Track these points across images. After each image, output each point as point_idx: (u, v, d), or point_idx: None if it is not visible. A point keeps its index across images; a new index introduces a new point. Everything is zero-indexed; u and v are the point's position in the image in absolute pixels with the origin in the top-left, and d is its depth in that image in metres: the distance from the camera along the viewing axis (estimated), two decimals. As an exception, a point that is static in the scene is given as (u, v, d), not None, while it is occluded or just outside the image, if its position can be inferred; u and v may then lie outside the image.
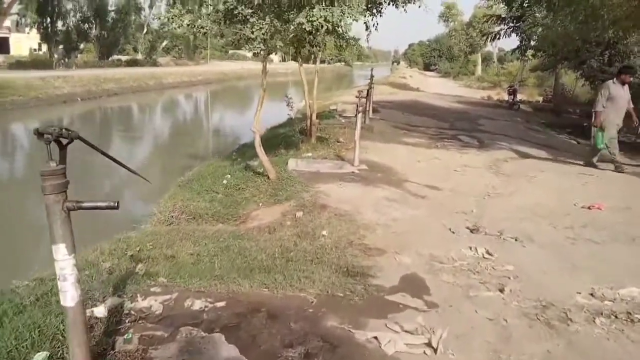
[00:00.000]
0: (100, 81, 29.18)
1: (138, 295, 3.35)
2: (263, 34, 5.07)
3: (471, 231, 5.11)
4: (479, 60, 57.01)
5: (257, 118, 6.10)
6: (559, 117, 19.91)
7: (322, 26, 4.84)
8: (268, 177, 6.55)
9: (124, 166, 2.57)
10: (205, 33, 5.33)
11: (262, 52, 5.40)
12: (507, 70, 43.31)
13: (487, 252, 4.48)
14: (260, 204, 5.94)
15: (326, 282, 3.60)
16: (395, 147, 9.84)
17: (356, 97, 7.35)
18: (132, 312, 3.14)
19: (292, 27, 5.16)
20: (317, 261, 4.11)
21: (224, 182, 6.88)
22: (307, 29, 4.89)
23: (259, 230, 5.11)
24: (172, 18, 5.17)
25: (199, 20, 5.25)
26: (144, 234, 5.10)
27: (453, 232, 5.02)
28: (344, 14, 4.92)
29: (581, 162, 9.02)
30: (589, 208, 6.02)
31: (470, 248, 4.58)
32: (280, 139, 10.34)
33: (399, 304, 3.44)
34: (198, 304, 3.25)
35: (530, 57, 24.93)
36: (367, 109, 11.91)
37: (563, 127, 17.71)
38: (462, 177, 7.71)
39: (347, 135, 10.28)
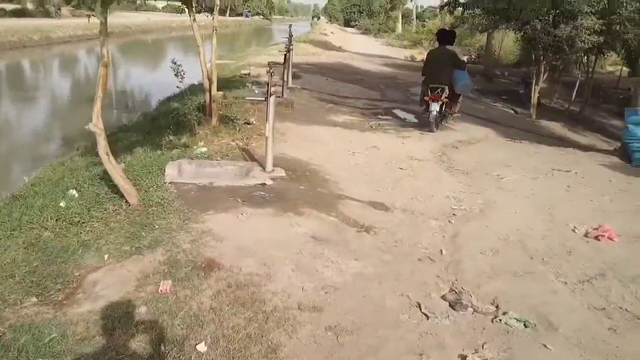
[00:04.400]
0: (-34, 36, 24.19)
1: None
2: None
3: (452, 306, 3.14)
4: (400, 18, 55.69)
5: (97, 110, 3.66)
6: (490, 81, 18.67)
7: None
8: (127, 202, 4.16)
9: None
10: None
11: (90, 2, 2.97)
12: (427, 28, 42.22)
13: (496, 374, 2.53)
14: (107, 256, 3.58)
15: None
16: (321, 130, 7.67)
17: (267, 72, 5.04)
18: None
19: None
20: None
21: (62, 204, 4.39)
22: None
23: (87, 328, 2.82)
24: None
25: None
26: None
27: (425, 315, 3.01)
28: None
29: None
30: (596, 238, 4.27)
31: (464, 361, 2.61)
32: (171, 119, 7.80)
33: None
34: None
35: (458, 15, 23.43)
36: (286, 78, 9.58)
37: (497, 94, 16.37)
38: (411, 179, 5.74)
39: (260, 114, 7.89)
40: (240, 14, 77.85)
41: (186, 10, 7.06)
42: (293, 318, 2.84)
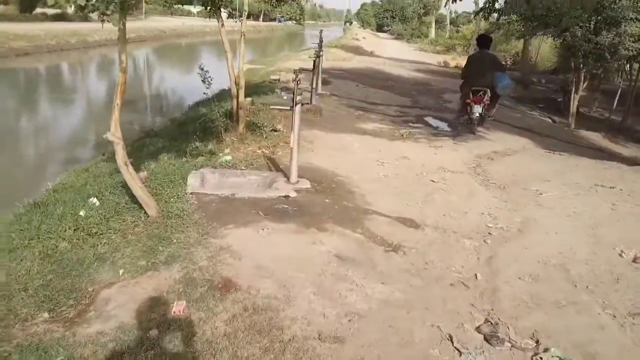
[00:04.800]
0: (9, 38, 24.84)
1: None
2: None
3: (487, 340, 2.87)
4: (433, 23, 55.06)
5: (115, 119, 3.53)
6: (527, 89, 18.08)
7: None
8: (146, 213, 4.02)
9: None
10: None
11: (105, 8, 2.84)
12: (461, 33, 41.61)
13: None
14: (122, 271, 3.44)
15: None
16: (349, 138, 7.44)
17: (293, 80, 4.86)
18: None
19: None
20: None
21: (82, 213, 4.29)
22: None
23: (94, 352, 2.66)
24: None
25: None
26: None
27: (458, 350, 2.75)
28: None
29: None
30: (646, 264, 3.91)
31: (501, 409, 2.34)
32: (198, 125, 7.72)
33: None
34: None
35: (493, 21, 22.87)
36: (315, 85, 9.39)
37: (534, 102, 15.82)
38: (444, 193, 5.45)
39: (288, 120, 7.70)
40: (274, 19, 78.53)
41: (215, 14, 6.92)
42: (312, 350, 2.61)
